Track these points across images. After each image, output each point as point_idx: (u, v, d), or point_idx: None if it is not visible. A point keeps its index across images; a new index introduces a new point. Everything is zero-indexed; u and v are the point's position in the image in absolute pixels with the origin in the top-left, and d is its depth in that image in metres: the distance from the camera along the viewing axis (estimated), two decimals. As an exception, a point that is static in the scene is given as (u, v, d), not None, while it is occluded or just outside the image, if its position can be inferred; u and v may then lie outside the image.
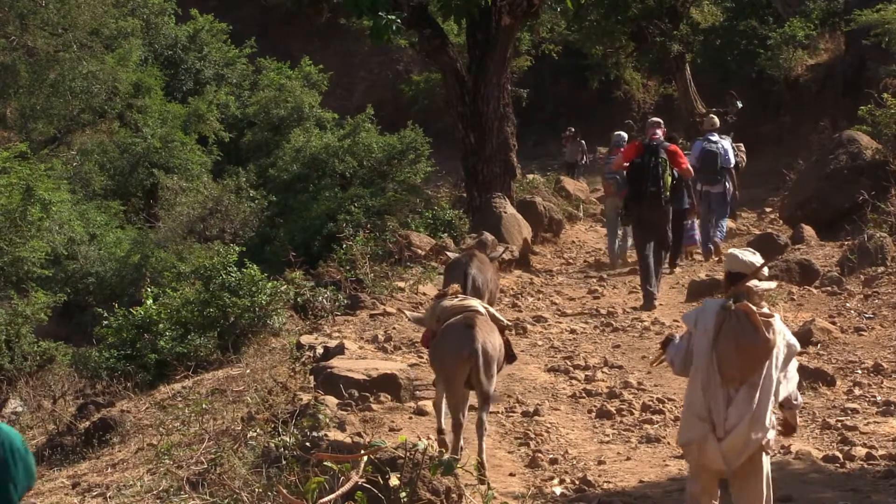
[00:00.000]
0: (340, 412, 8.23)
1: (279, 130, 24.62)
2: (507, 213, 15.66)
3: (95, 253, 19.49)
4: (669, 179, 12.66)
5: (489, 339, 7.59)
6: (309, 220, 20.42)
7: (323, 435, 7.03)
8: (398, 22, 15.18)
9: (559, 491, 7.40)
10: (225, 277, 12.14)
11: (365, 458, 5.93)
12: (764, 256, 6.01)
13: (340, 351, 10.15)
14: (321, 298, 12.65)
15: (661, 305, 12.83)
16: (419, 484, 6.35)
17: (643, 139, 13.26)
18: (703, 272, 14.40)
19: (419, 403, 9.08)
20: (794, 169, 19.85)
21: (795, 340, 5.77)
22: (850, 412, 8.66)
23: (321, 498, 5.51)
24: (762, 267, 5.75)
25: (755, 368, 5.47)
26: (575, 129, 28.43)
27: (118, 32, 24.66)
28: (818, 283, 12.89)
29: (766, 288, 5.81)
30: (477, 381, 7.43)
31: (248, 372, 10.65)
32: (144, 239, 20.34)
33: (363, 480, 5.86)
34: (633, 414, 8.97)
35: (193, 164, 23.20)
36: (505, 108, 17.18)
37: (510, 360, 8.31)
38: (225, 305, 12.00)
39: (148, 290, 13.32)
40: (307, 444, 6.84)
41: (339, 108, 27.80)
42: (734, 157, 15.92)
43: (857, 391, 9.15)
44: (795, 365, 5.75)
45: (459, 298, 8.08)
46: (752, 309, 5.49)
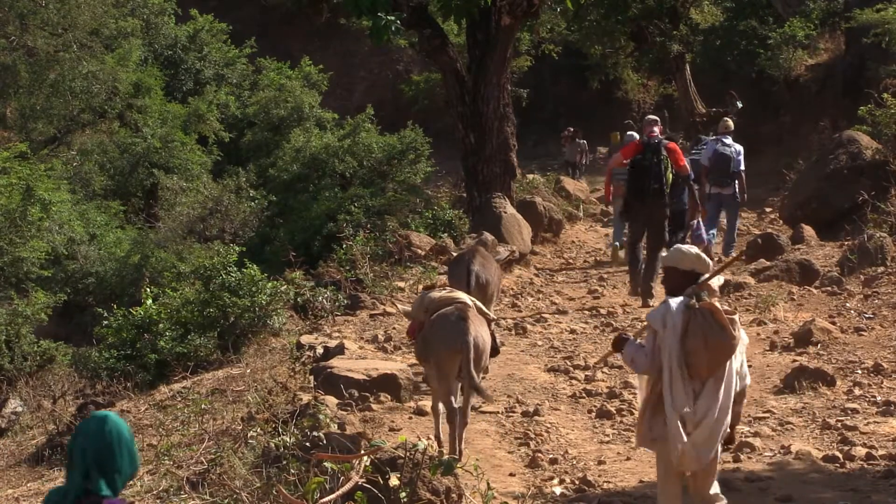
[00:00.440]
0: (340, 412, 8.23)
1: (279, 130, 24.62)
2: (507, 213, 15.66)
3: (95, 253, 19.49)
4: (671, 176, 12.72)
5: (480, 331, 7.71)
6: (309, 220, 20.42)
7: (328, 432, 7.03)
8: (398, 22, 15.18)
9: (559, 491, 7.41)
10: (225, 277, 12.15)
11: (365, 458, 5.93)
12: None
13: (340, 351, 10.15)
14: (321, 298, 12.65)
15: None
16: (419, 484, 6.35)
17: (642, 137, 13.31)
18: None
19: (419, 403, 9.08)
20: (794, 169, 19.85)
21: (745, 335, 5.97)
22: (850, 412, 8.66)
23: (321, 498, 5.51)
24: (722, 269, 6.00)
25: (721, 364, 5.65)
26: (574, 128, 28.43)
27: (118, 32, 24.66)
28: (818, 283, 12.90)
29: (718, 285, 5.96)
30: (467, 372, 7.52)
31: (248, 372, 10.65)
32: (144, 239, 20.33)
33: (363, 480, 5.87)
34: (633, 414, 8.96)
35: (193, 164, 23.19)
36: (505, 108, 17.17)
37: (494, 353, 8.46)
38: (225, 305, 12.00)
39: (148, 290, 13.32)
40: (307, 444, 6.84)
41: (339, 108, 27.81)
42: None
43: (857, 391, 9.14)
44: (745, 360, 5.98)
45: (447, 290, 8.22)
46: (717, 307, 5.63)
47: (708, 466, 5.77)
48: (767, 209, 20.35)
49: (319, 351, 10.31)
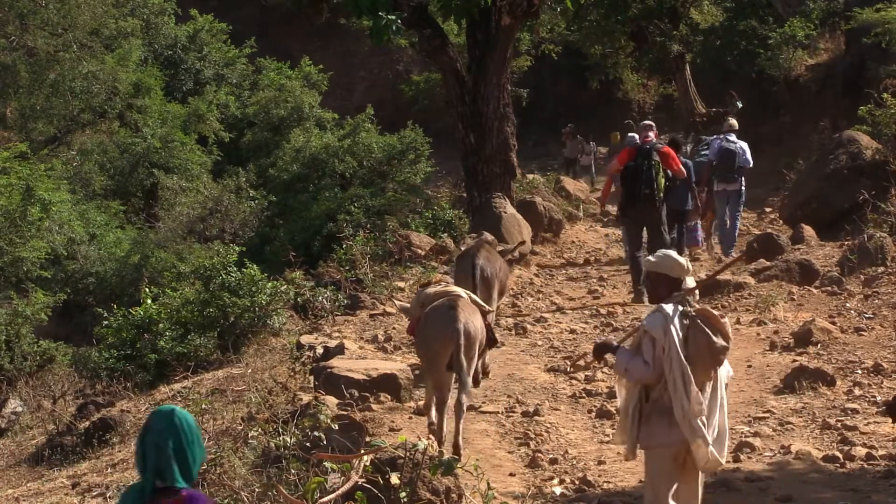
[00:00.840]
0: (340, 412, 8.23)
1: (279, 130, 24.62)
2: (507, 213, 15.66)
3: (95, 253, 19.49)
4: (663, 181, 12.86)
5: (471, 320, 7.87)
6: (309, 220, 20.42)
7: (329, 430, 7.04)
8: (398, 22, 15.18)
9: (559, 491, 7.41)
10: (225, 277, 12.15)
11: (365, 457, 5.93)
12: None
13: (340, 351, 10.15)
14: (321, 298, 12.66)
15: (661, 305, 12.80)
16: (419, 484, 6.35)
17: (636, 142, 13.49)
18: (703, 272, 14.40)
19: (419, 403, 9.08)
20: (794, 169, 19.85)
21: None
22: (850, 412, 8.65)
23: (321, 498, 5.51)
24: (713, 277, 5.95)
25: (719, 366, 5.78)
26: (574, 125, 28.40)
27: (118, 32, 24.66)
28: (818, 283, 12.89)
29: (692, 286, 6.05)
30: (457, 360, 7.65)
31: (248, 372, 10.65)
32: (144, 239, 20.34)
33: (363, 480, 5.87)
34: (633, 414, 8.96)
35: (193, 164, 23.19)
36: (505, 108, 17.17)
37: (491, 344, 8.61)
38: (225, 305, 12.00)
39: (148, 290, 13.32)
40: (307, 444, 6.85)
41: (339, 108, 27.80)
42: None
43: (857, 391, 9.14)
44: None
45: (443, 285, 8.40)
46: (714, 313, 5.78)
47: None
48: (767, 209, 20.34)
49: (319, 351, 10.31)
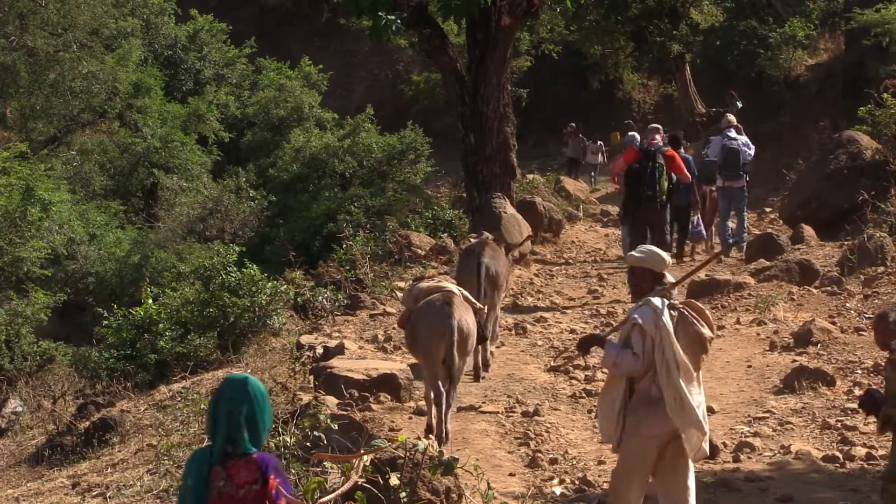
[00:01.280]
0: (340, 412, 8.23)
1: (279, 130, 24.62)
2: (507, 213, 15.66)
3: (95, 253, 19.49)
4: (666, 184, 13.06)
5: (465, 317, 8.03)
6: (309, 220, 20.43)
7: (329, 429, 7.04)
8: (398, 22, 15.18)
9: (559, 491, 7.41)
10: (225, 277, 12.15)
11: (365, 457, 5.93)
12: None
13: (340, 351, 10.15)
14: (321, 298, 12.66)
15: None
16: (419, 484, 6.35)
17: (642, 144, 13.67)
18: (702, 272, 14.40)
19: (419, 403, 9.08)
20: (794, 169, 19.85)
21: None
22: (850, 412, 8.65)
23: (321, 498, 5.51)
24: (694, 273, 6.45)
25: (705, 356, 5.93)
26: (576, 125, 28.38)
27: (118, 32, 24.67)
28: (818, 283, 12.89)
29: (676, 281, 6.15)
30: (450, 356, 7.82)
31: (248, 372, 10.64)
32: (144, 239, 20.34)
33: (363, 480, 5.86)
34: (633, 414, 8.96)
35: (193, 164, 23.19)
36: (505, 108, 17.16)
37: (481, 340, 8.77)
38: (225, 305, 12.00)
39: (148, 290, 13.32)
40: (307, 444, 6.85)
41: (339, 108, 27.80)
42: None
43: (857, 391, 9.13)
44: None
45: (435, 280, 8.54)
46: (700, 306, 5.93)
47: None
48: (767, 209, 20.33)
49: (319, 351, 10.31)
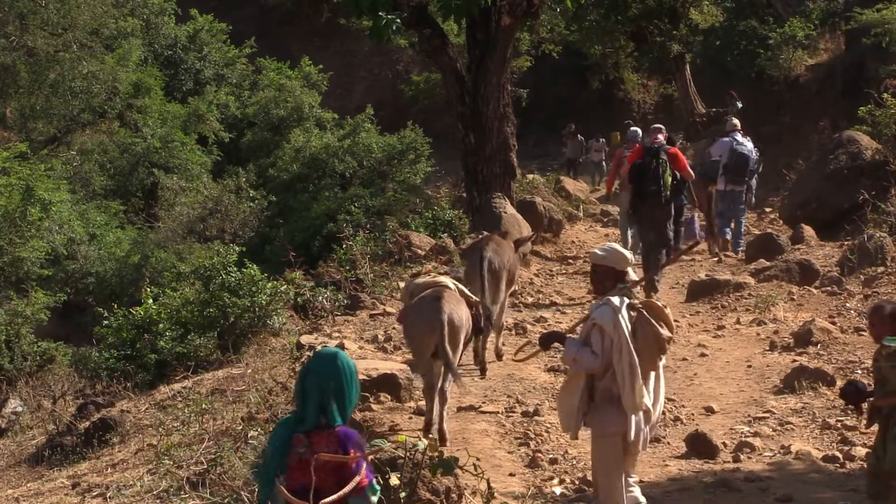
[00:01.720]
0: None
1: (279, 130, 24.63)
2: (507, 213, 15.66)
3: (95, 253, 19.49)
4: (669, 179, 13.06)
5: (455, 310, 8.17)
6: (309, 220, 20.43)
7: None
8: (398, 22, 15.18)
9: (559, 491, 7.41)
10: (225, 277, 12.15)
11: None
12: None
13: (340, 351, 10.14)
14: (321, 298, 12.66)
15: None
16: (419, 484, 6.36)
17: (645, 142, 13.87)
18: (703, 272, 14.41)
19: (419, 403, 9.08)
20: (794, 169, 19.85)
21: None
22: (850, 412, 8.64)
23: (323, 499, 5.51)
24: (669, 263, 6.25)
25: (663, 355, 5.96)
26: (575, 126, 28.39)
27: (118, 32, 24.68)
28: (818, 283, 12.89)
29: (636, 279, 6.21)
30: (442, 349, 7.94)
31: (248, 372, 10.65)
32: (144, 239, 20.35)
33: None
34: (633, 414, 8.96)
35: (193, 164, 23.20)
36: (505, 108, 17.16)
37: (477, 333, 8.93)
38: (225, 305, 12.00)
39: (148, 290, 13.32)
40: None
41: (339, 108, 27.81)
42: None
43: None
44: None
45: (432, 276, 8.70)
46: (660, 305, 5.96)
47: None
48: (767, 209, 20.33)
49: (319, 351, 10.30)
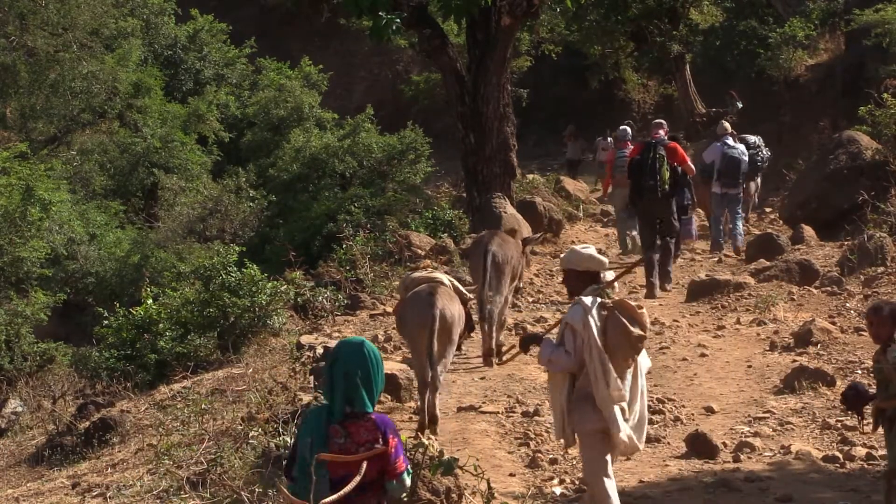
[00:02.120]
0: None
1: (279, 130, 24.60)
2: (507, 212, 15.67)
3: (95, 253, 19.48)
4: (667, 174, 13.20)
5: (448, 306, 8.33)
6: (309, 220, 20.42)
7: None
8: (398, 22, 15.18)
9: (559, 491, 7.41)
10: (225, 277, 12.15)
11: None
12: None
13: (341, 351, 10.13)
14: (321, 298, 12.66)
15: (661, 305, 12.85)
16: (419, 484, 6.36)
17: (646, 138, 13.99)
18: (703, 272, 14.41)
19: (419, 403, 9.07)
20: (794, 169, 19.85)
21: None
22: (850, 412, 8.63)
23: (323, 498, 5.51)
24: (627, 271, 6.74)
25: (638, 354, 6.06)
26: (575, 127, 28.39)
27: (118, 32, 24.66)
28: (818, 283, 12.89)
29: (612, 279, 6.43)
30: (429, 343, 8.14)
31: (248, 372, 10.65)
32: (144, 239, 20.34)
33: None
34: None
35: (193, 164, 23.19)
36: (505, 108, 17.17)
37: (470, 329, 9.10)
38: (225, 305, 12.00)
39: (148, 290, 13.32)
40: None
41: (339, 108, 27.78)
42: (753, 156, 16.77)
43: (856, 391, 9.12)
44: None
45: (428, 271, 8.89)
46: (630, 304, 6.06)
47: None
48: (767, 209, 20.34)
49: (319, 351, 10.30)
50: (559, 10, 23.99)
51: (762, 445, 8.11)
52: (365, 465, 4.52)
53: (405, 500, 6.10)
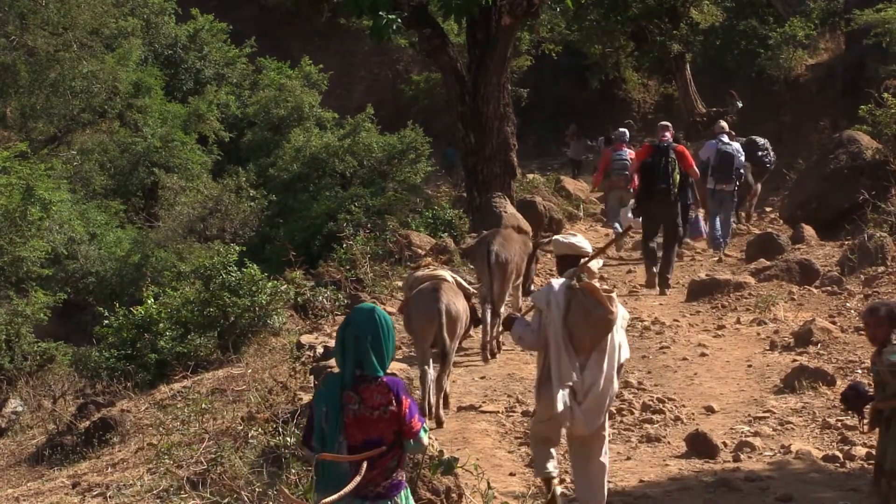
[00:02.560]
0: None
1: (279, 130, 24.61)
2: (507, 212, 15.67)
3: (95, 252, 19.48)
4: (678, 177, 13.50)
5: (453, 301, 8.54)
6: (309, 219, 20.42)
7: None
8: (398, 22, 15.19)
9: (559, 491, 7.39)
10: (225, 277, 12.15)
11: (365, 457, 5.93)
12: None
13: (341, 351, 10.13)
14: (321, 298, 12.67)
15: (661, 305, 12.86)
16: (419, 484, 6.36)
17: (653, 141, 14.08)
18: (703, 272, 14.41)
19: (419, 403, 9.09)
20: (794, 169, 19.85)
21: (626, 312, 6.64)
22: (850, 412, 8.63)
23: (323, 498, 5.51)
24: (601, 251, 6.86)
25: (602, 338, 6.23)
26: (577, 126, 28.40)
27: (118, 32, 24.66)
28: (818, 282, 12.90)
29: (597, 267, 6.59)
30: (440, 337, 8.35)
31: (248, 372, 10.65)
32: (144, 238, 20.34)
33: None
34: (633, 414, 8.98)
35: (193, 163, 23.19)
36: (505, 107, 17.18)
37: (476, 323, 9.38)
38: (225, 305, 12.00)
39: (149, 289, 13.32)
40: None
41: (339, 108, 27.79)
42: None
43: (856, 391, 9.12)
44: (625, 336, 6.55)
45: (431, 269, 9.08)
46: (595, 286, 6.24)
47: (596, 432, 6.40)
48: (767, 209, 20.33)
49: (320, 351, 10.31)
50: (559, 9, 24.01)
51: (762, 445, 8.11)
52: (365, 465, 4.52)
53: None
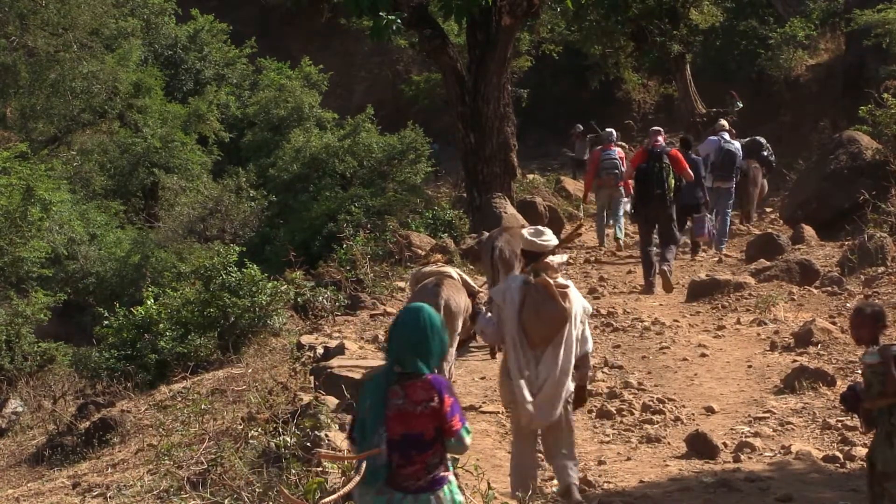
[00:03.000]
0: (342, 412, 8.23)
1: (279, 130, 24.63)
2: (507, 212, 15.67)
3: (95, 253, 19.50)
4: (673, 182, 13.53)
5: (453, 296, 8.60)
6: (309, 220, 20.42)
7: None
8: (398, 22, 15.19)
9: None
10: (225, 277, 12.15)
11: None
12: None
13: (341, 351, 10.15)
14: (321, 298, 12.66)
15: (661, 305, 12.86)
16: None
17: (647, 146, 14.08)
18: (703, 272, 14.41)
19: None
20: (794, 169, 19.86)
21: (588, 304, 6.81)
22: (850, 412, 8.63)
23: (321, 498, 5.52)
24: (559, 245, 6.94)
25: (556, 331, 6.41)
26: (582, 127, 28.37)
27: (118, 32, 24.69)
28: (818, 283, 12.89)
29: (559, 262, 6.68)
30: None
31: (248, 372, 10.65)
32: (144, 239, 20.35)
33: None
34: (633, 414, 8.97)
35: (193, 164, 23.21)
36: (505, 108, 17.18)
37: (475, 319, 9.28)
38: (225, 305, 12.01)
39: (149, 289, 13.32)
40: (308, 444, 6.85)
41: (339, 108, 27.81)
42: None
43: (857, 391, 9.12)
44: (588, 328, 6.71)
45: (437, 265, 9.11)
46: (549, 282, 6.39)
47: (555, 424, 6.57)
48: (767, 209, 20.33)
49: (320, 351, 10.31)
50: (559, 10, 24.03)
51: (762, 445, 8.11)
52: (365, 464, 4.52)
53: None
